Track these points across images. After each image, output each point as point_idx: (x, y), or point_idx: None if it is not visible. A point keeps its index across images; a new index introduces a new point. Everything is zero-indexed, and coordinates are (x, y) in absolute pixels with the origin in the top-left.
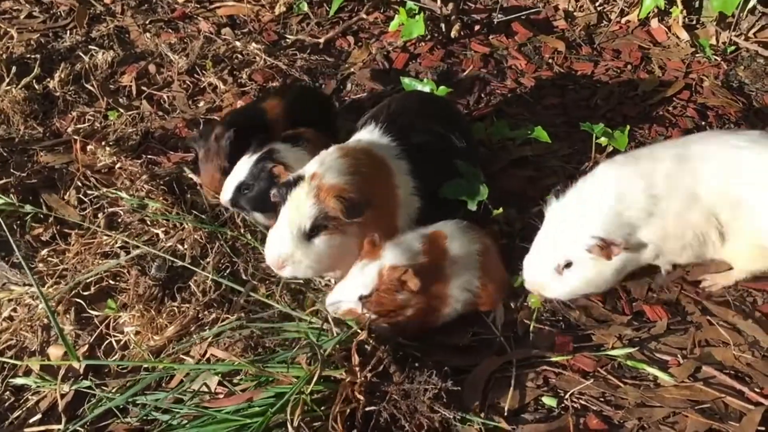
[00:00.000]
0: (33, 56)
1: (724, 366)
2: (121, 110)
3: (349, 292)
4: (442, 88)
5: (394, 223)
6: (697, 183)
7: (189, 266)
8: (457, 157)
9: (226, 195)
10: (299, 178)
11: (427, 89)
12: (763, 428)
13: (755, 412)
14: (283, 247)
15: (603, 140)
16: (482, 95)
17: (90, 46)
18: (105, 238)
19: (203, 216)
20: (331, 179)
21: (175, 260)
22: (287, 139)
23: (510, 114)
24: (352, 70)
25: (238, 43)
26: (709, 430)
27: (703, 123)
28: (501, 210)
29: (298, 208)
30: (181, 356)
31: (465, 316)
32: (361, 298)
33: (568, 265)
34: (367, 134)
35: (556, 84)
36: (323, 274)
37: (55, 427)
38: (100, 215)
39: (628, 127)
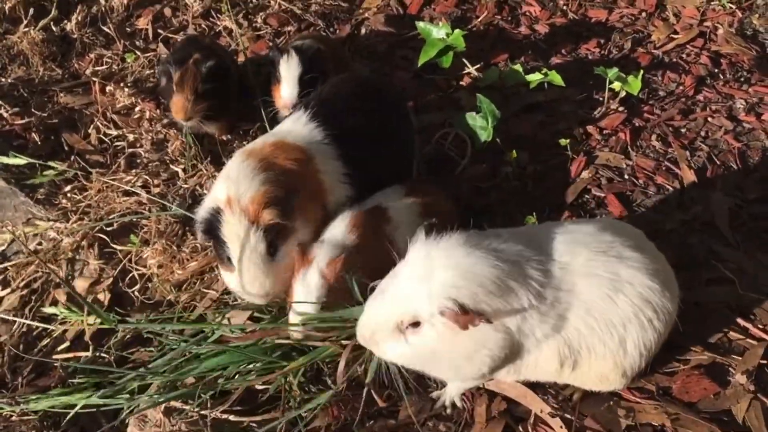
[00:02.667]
0: None
1: None
2: (138, 53)
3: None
4: (457, 31)
5: (323, 209)
6: None
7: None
8: (395, 143)
9: (290, 97)
10: (216, 213)
11: (442, 33)
12: None
13: None
14: (259, 283)
15: (616, 85)
16: (496, 42)
17: None
18: (125, 176)
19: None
20: (247, 193)
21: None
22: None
23: (523, 60)
24: (366, 15)
25: None
26: None
27: (716, 70)
28: (515, 153)
29: (241, 239)
30: (203, 290)
31: None
32: (318, 300)
33: (416, 324)
34: (291, 122)
35: (570, 31)
36: None
37: (82, 354)
38: (120, 156)
39: (642, 72)
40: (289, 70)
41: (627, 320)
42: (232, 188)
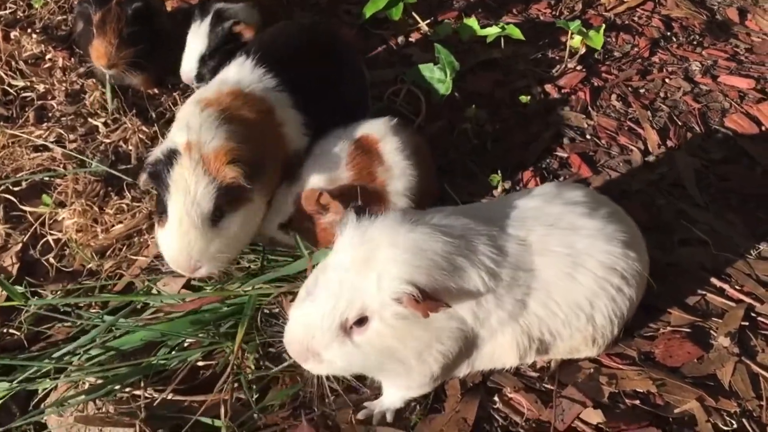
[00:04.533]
0: None
1: None
2: None
3: (270, 221)
4: None
5: (285, 164)
6: None
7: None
8: (349, 90)
9: (189, 71)
10: (172, 153)
11: None
12: None
13: None
14: (191, 245)
15: (576, 41)
16: None
17: None
18: (35, 130)
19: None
20: (212, 141)
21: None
22: None
23: (474, 18)
24: None
25: None
26: None
27: (669, 34)
28: (475, 109)
29: (189, 191)
30: (130, 257)
31: None
32: (280, 227)
33: (361, 321)
34: (236, 69)
35: None
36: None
37: None
38: (28, 109)
39: (604, 26)
40: (193, 41)
41: (593, 296)
42: (194, 135)
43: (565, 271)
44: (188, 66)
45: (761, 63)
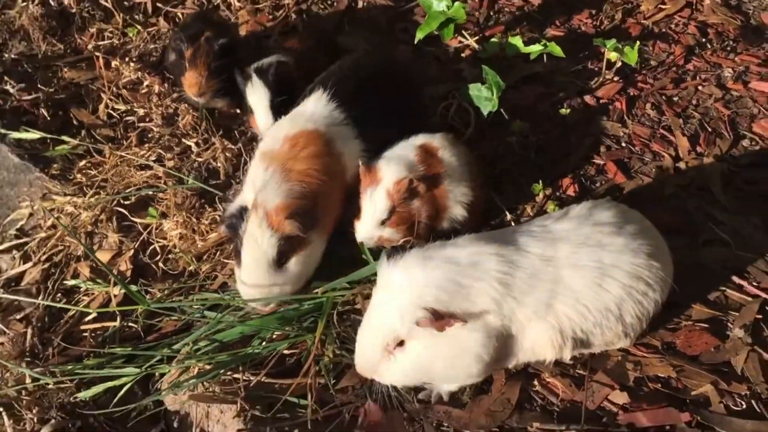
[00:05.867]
0: None
1: None
2: (139, 27)
3: (370, 223)
4: (457, 4)
5: (343, 189)
6: None
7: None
8: (407, 115)
9: (268, 125)
10: (243, 210)
11: (443, 6)
12: None
13: None
14: (260, 287)
15: (613, 55)
16: (491, 13)
17: None
18: (139, 150)
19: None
20: (274, 200)
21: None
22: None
23: (519, 32)
24: None
25: None
26: None
27: (704, 40)
28: (519, 123)
29: (257, 242)
30: (223, 260)
31: None
32: (383, 223)
33: (401, 343)
34: (312, 104)
35: (562, 2)
36: None
37: (110, 324)
38: (130, 131)
39: (638, 43)
40: (258, 99)
41: (621, 300)
42: (259, 195)
43: (594, 281)
44: (264, 122)
45: None
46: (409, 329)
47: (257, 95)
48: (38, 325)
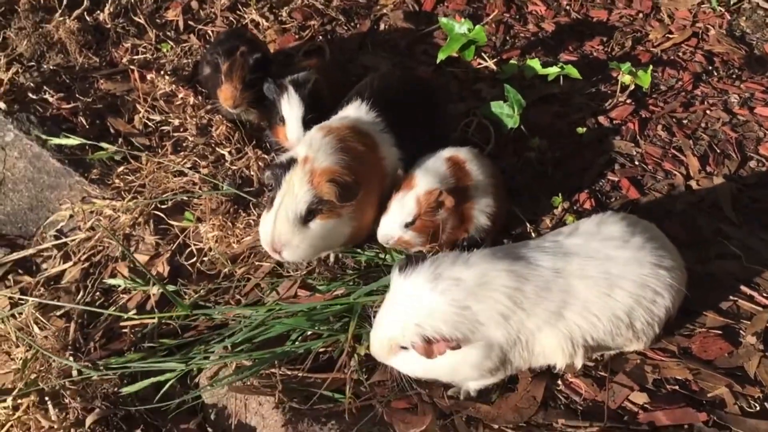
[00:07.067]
0: None
1: None
2: (172, 43)
3: (395, 222)
4: (478, 27)
5: (381, 193)
6: None
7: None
8: (434, 126)
9: (299, 137)
10: (292, 161)
11: (464, 29)
12: None
13: None
14: (280, 233)
15: (627, 79)
16: (507, 38)
17: None
18: (174, 158)
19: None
20: (323, 162)
21: None
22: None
23: (534, 55)
24: (384, 11)
25: None
26: None
27: (710, 68)
28: (537, 140)
29: (293, 192)
30: (257, 263)
31: None
32: (407, 225)
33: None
34: (354, 110)
35: (574, 29)
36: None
37: (148, 320)
38: (165, 140)
39: (651, 67)
40: (291, 111)
41: (630, 309)
42: (312, 153)
43: (602, 291)
44: (295, 134)
45: None
46: (408, 342)
47: (292, 107)
48: (79, 321)
